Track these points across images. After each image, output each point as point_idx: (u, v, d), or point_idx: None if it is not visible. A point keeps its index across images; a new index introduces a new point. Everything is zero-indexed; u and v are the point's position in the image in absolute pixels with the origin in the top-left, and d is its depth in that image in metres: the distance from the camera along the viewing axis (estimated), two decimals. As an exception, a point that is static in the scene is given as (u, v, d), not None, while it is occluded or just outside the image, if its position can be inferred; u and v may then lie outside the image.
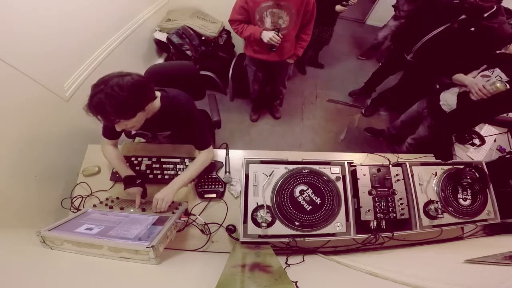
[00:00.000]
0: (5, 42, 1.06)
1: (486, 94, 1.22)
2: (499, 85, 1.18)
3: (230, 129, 2.43)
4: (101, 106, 0.77)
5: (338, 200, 0.95)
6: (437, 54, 1.58)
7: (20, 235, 0.97)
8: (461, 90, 1.43)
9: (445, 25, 1.50)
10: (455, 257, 0.85)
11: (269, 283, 0.56)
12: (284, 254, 0.97)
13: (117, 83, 0.79)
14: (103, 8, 1.66)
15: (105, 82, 0.79)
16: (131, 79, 0.82)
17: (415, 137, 1.83)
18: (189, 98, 1.09)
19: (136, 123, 0.91)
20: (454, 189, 1.05)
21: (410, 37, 1.76)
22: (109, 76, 0.81)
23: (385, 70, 2.32)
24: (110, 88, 0.77)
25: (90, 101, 0.78)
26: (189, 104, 1.08)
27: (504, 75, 1.24)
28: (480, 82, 1.27)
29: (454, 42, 1.48)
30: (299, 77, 2.96)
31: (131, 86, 0.81)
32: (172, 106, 1.04)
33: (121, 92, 0.78)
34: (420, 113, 1.79)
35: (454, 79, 1.44)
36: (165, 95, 1.04)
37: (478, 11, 1.31)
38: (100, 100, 0.77)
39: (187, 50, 2.18)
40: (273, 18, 1.48)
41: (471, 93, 1.29)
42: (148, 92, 0.89)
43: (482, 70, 1.36)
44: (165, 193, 1.00)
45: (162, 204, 0.97)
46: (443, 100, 1.53)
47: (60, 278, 0.65)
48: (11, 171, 1.12)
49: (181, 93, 1.09)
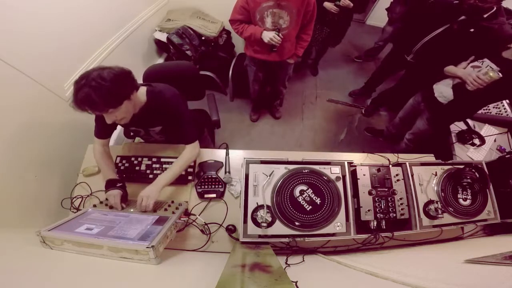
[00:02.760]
0: (5, 42, 1.06)
1: (481, 84, 1.27)
2: (492, 74, 1.23)
3: (230, 129, 2.43)
4: (88, 98, 0.80)
5: (338, 200, 0.95)
6: (436, 55, 1.58)
7: (20, 235, 0.97)
8: (455, 81, 1.46)
9: (444, 26, 1.50)
10: (455, 257, 0.85)
11: (269, 283, 0.56)
12: (284, 254, 0.97)
13: (98, 75, 0.82)
14: (103, 8, 1.66)
15: (86, 76, 0.82)
16: (111, 70, 0.86)
17: (413, 132, 1.83)
18: (175, 92, 1.10)
19: (124, 114, 0.94)
20: (454, 189, 1.05)
21: (410, 38, 1.77)
22: (89, 71, 0.84)
23: (385, 70, 2.32)
24: (93, 81, 0.81)
25: (76, 96, 0.82)
26: (175, 99, 1.08)
27: (494, 65, 1.29)
28: (473, 73, 1.31)
29: (453, 43, 1.49)
30: (299, 77, 2.96)
31: (113, 76, 0.84)
32: (158, 100, 1.06)
33: (104, 82, 0.82)
34: (416, 107, 1.80)
35: (446, 71, 1.48)
36: (151, 89, 1.06)
37: (478, 12, 1.32)
38: (85, 93, 0.80)
39: (187, 50, 2.18)
40: (274, 18, 1.48)
41: (467, 84, 1.33)
42: (130, 80, 0.93)
43: (471, 61, 1.40)
44: (149, 190, 0.99)
45: (147, 201, 0.96)
46: (438, 92, 1.55)
47: (60, 278, 0.65)
48: (11, 171, 1.12)
49: (168, 87, 1.10)
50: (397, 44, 2.20)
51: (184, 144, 1.15)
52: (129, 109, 0.96)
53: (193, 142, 1.14)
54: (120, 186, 1.05)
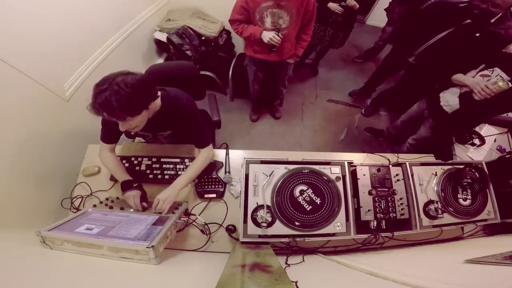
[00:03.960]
0: (5, 42, 1.06)
1: (489, 94, 1.22)
2: (502, 84, 1.18)
3: (230, 129, 2.43)
4: (107, 103, 0.78)
5: (338, 200, 0.95)
6: (440, 58, 1.56)
7: (20, 235, 0.97)
8: (462, 90, 1.42)
9: (449, 30, 1.48)
10: (455, 257, 0.85)
11: (269, 283, 0.56)
12: (284, 254, 0.97)
13: (122, 80, 0.80)
14: (103, 8, 1.66)
15: (109, 80, 0.80)
16: (135, 77, 0.84)
17: (416, 138, 1.83)
18: (189, 97, 1.10)
19: (139, 122, 0.92)
20: (454, 189, 1.05)
21: (411, 40, 1.76)
22: (113, 75, 0.82)
23: (385, 70, 2.32)
24: (116, 85, 0.78)
25: (95, 99, 0.79)
26: (190, 103, 1.08)
27: (505, 74, 1.24)
28: (482, 82, 1.26)
29: (458, 47, 1.46)
30: (299, 77, 2.95)
31: (136, 84, 0.82)
32: (172, 105, 1.04)
33: (126, 89, 0.79)
34: (420, 114, 1.79)
35: (454, 80, 1.44)
36: (165, 94, 1.05)
37: (487, 16, 1.28)
38: (106, 97, 0.77)
39: (187, 50, 2.17)
40: (273, 18, 1.48)
41: (474, 93, 1.28)
42: (151, 90, 0.91)
43: (480, 70, 1.36)
44: (167, 194, 1.00)
45: (163, 205, 0.97)
46: (444, 101, 1.52)
47: (60, 278, 0.65)
48: (11, 171, 1.12)
49: (181, 92, 1.10)
50: (396, 44, 2.20)
51: (199, 148, 1.15)
52: (145, 119, 0.95)
53: (208, 146, 1.14)
54: (137, 186, 1.05)
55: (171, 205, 0.99)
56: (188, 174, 1.08)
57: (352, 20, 2.20)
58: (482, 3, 1.25)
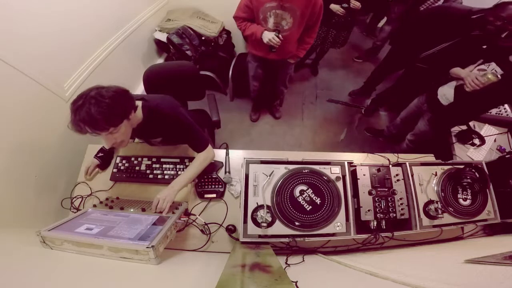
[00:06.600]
0: (5, 42, 1.06)
1: (478, 85, 1.27)
2: (490, 76, 1.24)
3: (230, 129, 2.43)
4: (89, 116, 0.78)
5: (338, 200, 0.95)
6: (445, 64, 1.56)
7: (20, 235, 0.97)
8: (458, 83, 1.46)
9: (455, 39, 1.49)
10: (455, 257, 0.85)
11: (269, 283, 0.56)
12: (284, 254, 0.97)
13: (98, 93, 0.81)
14: (103, 8, 1.66)
15: (83, 96, 0.81)
16: (110, 88, 0.85)
17: (415, 133, 1.83)
18: (172, 104, 1.07)
19: (124, 135, 0.92)
20: (454, 189, 1.05)
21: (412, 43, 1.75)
22: (86, 91, 0.83)
23: (384, 69, 2.32)
24: (94, 99, 0.79)
25: (74, 116, 0.79)
26: (173, 111, 1.05)
27: (499, 68, 1.28)
28: (474, 74, 1.31)
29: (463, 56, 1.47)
30: (299, 77, 2.95)
31: (113, 94, 0.84)
32: (155, 115, 1.03)
33: (104, 99, 0.80)
34: (419, 108, 1.80)
35: (452, 73, 1.48)
36: (146, 104, 1.03)
37: (499, 32, 1.28)
38: (86, 111, 0.78)
39: (187, 50, 2.18)
40: (276, 19, 1.48)
41: (465, 84, 1.34)
42: (129, 99, 0.91)
43: (478, 64, 1.39)
44: (166, 193, 1.00)
45: (163, 204, 0.97)
46: (441, 93, 1.55)
47: (60, 278, 0.65)
48: (11, 171, 1.12)
49: (163, 98, 1.08)
50: (396, 45, 2.20)
51: (197, 151, 1.14)
52: (128, 131, 0.95)
53: (206, 148, 1.14)
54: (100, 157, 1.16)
55: (170, 204, 0.99)
56: (187, 174, 1.08)
57: (353, 20, 2.22)
58: (497, 19, 1.25)
